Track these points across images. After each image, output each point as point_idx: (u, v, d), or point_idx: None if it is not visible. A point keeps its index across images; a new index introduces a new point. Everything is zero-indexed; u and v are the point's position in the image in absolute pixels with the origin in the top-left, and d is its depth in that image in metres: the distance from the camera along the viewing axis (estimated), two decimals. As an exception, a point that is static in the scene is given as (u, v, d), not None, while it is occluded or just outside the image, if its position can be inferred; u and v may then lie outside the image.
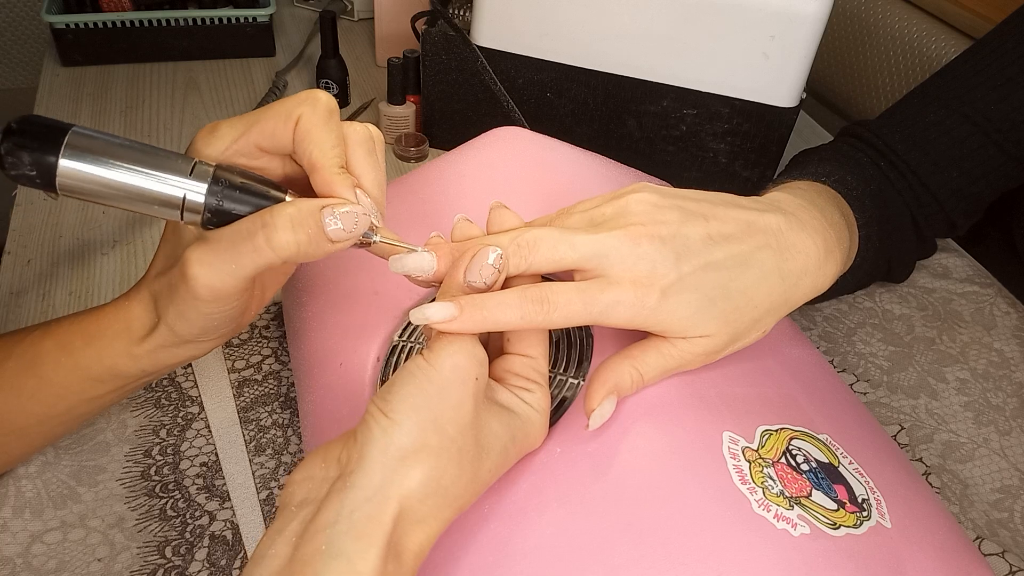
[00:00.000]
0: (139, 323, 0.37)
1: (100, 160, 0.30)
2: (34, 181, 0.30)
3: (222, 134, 0.34)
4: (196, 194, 0.32)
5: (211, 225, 0.33)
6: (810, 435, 0.36)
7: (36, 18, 1.55)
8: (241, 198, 0.32)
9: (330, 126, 0.34)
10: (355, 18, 1.02)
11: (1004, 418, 0.53)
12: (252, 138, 0.34)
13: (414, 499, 0.28)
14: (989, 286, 0.64)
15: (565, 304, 0.32)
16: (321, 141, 0.33)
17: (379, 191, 0.35)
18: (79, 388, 0.38)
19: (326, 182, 0.33)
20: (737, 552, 0.30)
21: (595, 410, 0.34)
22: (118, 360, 0.38)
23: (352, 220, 0.32)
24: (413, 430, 0.28)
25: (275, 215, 0.32)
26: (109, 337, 0.37)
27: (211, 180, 0.32)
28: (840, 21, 1.03)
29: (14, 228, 0.64)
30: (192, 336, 0.36)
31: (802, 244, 0.37)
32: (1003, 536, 0.46)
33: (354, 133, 0.35)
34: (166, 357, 0.38)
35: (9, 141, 0.29)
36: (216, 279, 0.32)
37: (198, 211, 0.32)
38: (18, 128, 0.30)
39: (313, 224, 0.32)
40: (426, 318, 0.31)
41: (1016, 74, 0.54)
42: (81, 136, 0.30)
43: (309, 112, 0.33)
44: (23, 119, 0.30)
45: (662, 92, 0.66)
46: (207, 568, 0.42)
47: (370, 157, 0.35)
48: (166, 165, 0.31)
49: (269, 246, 0.31)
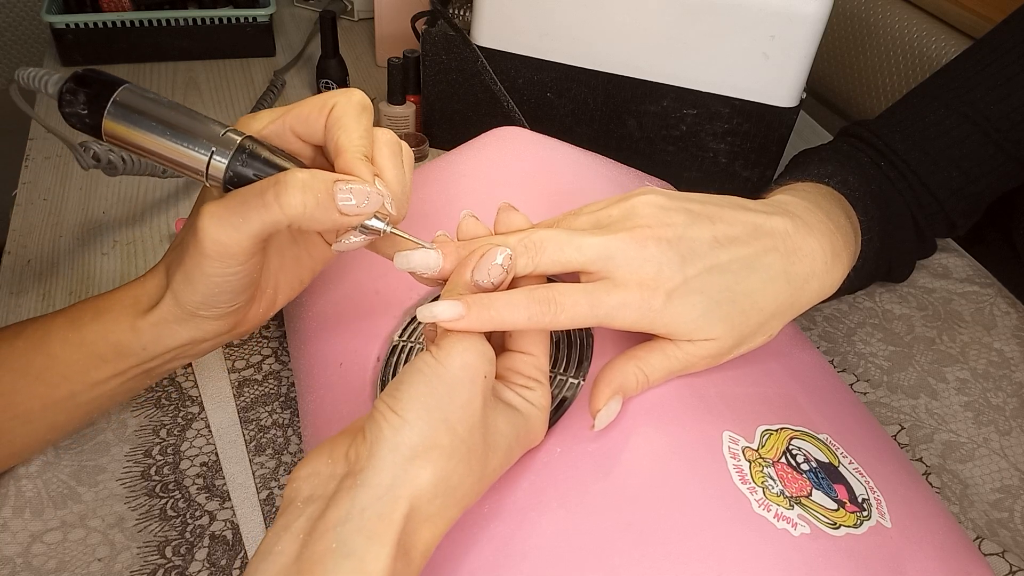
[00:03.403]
0: (147, 297, 0.38)
1: (142, 118, 0.34)
2: (83, 121, 0.34)
3: (261, 116, 0.36)
4: (221, 157, 0.34)
5: (232, 187, 0.34)
6: (810, 435, 0.36)
7: (36, 18, 1.55)
8: (261, 166, 0.34)
9: (361, 119, 0.35)
10: (355, 18, 1.02)
11: (1004, 418, 0.53)
12: (288, 121, 0.36)
13: (424, 498, 0.28)
14: (989, 286, 0.64)
15: (572, 305, 0.32)
16: (349, 128, 0.34)
17: (400, 189, 0.35)
18: (83, 367, 0.39)
19: (348, 163, 0.34)
20: (737, 552, 0.30)
21: (600, 410, 0.34)
22: (122, 336, 0.38)
23: (363, 196, 0.33)
24: (424, 429, 0.28)
25: (288, 175, 0.33)
26: (116, 311, 0.38)
27: (236, 147, 0.34)
28: (840, 21, 1.03)
29: (14, 228, 0.64)
30: (193, 304, 0.36)
31: (809, 248, 0.37)
32: (1003, 536, 0.46)
33: (384, 135, 0.36)
34: (167, 335, 0.38)
35: (72, 83, 0.34)
36: (223, 233, 0.33)
37: (220, 174, 0.34)
38: (82, 76, 0.34)
39: (324, 191, 0.33)
40: (433, 316, 0.31)
41: (1016, 73, 0.54)
42: (131, 93, 0.34)
43: (344, 102, 0.35)
44: (88, 70, 0.34)
45: (662, 92, 0.66)
46: (207, 568, 0.42)
47: (395, 159, 0.36)
48: (200, 129, 0.34)
49: (277, 202, 0.32)
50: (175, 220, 0.66)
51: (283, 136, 0.36)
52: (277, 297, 0.40)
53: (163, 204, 0.68)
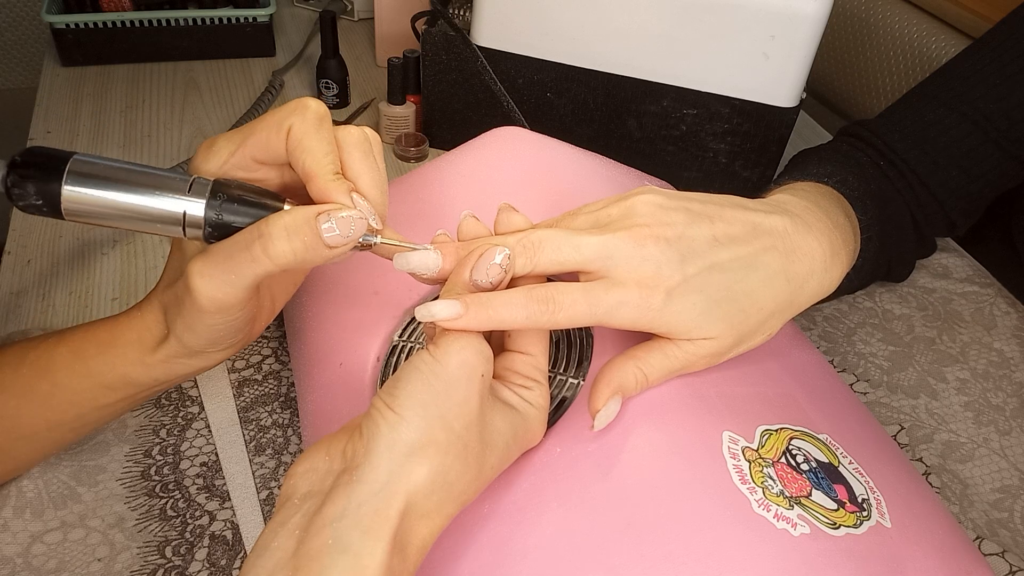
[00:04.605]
0: (151, 334, 0.37)
1: (102, 184, 0.32)
2: (41, 209, 0.31)
3: (219, 148, 0.34)
4: (195, 209, 0.32)
5: (213, 239, 0.33)
6: (810, 435, 0.36)
7: (36, 18, 1.55)
8: (239, 210, 0.33)
9: (321, 133, 0.33)
10: (355, 18, 1.02)
11: (1004, 418, 0.53)
12: (248, 151, 0.34)
13: (420, 494, 0.28)
14: (989, 286, 0.64)
15: (570, 304, 0.32)
16: (313, 149, 0.33)
17: (378, 192, 0.34)
18: (91, 395, 0.39)
19: (321, 190, 0.33)
20: (737, 552, 0.30)
21: (600, 411, 0.34)
22: (131, 369, 0.38)
23: (348, 225, 0.32)
24: (420, 426, 0.29)
25: (270, 225, 0.32)
26: (122, 346, 0.38)
27: (209, 195, 0.33)
28: (840, 21, 1.03)
29: (14, 228, 0.64)
30: (200, 347, 0.36)
31: (808, 246, 0.37)
32: (1003, 536, 0.46)
33: (348, 136, 0.34)
34: (179, 367, 0.38)
35: (14, 174, 0.31)
36: (218, 291, 0.33)
37: (199, 226, 0.33)
38: (22, 160, 0.31)
39: (309, 231, 0.32)
40: (432, 315, 0.31)
41: (1015, 72, 0.54)
42: (82, 163, 0.32)
43: (299, 121, 0.33)
44: (27, 151, 0.31)
45: (662, 92, 0.66)
46: (207, 568, 0.42)
47: (367, 159, 0.34)
48: (165, 184, 0.32)
49: (266, 255, 0.32)
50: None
51: (246, 166, 0.35)
52: (275, 305, 0.40)
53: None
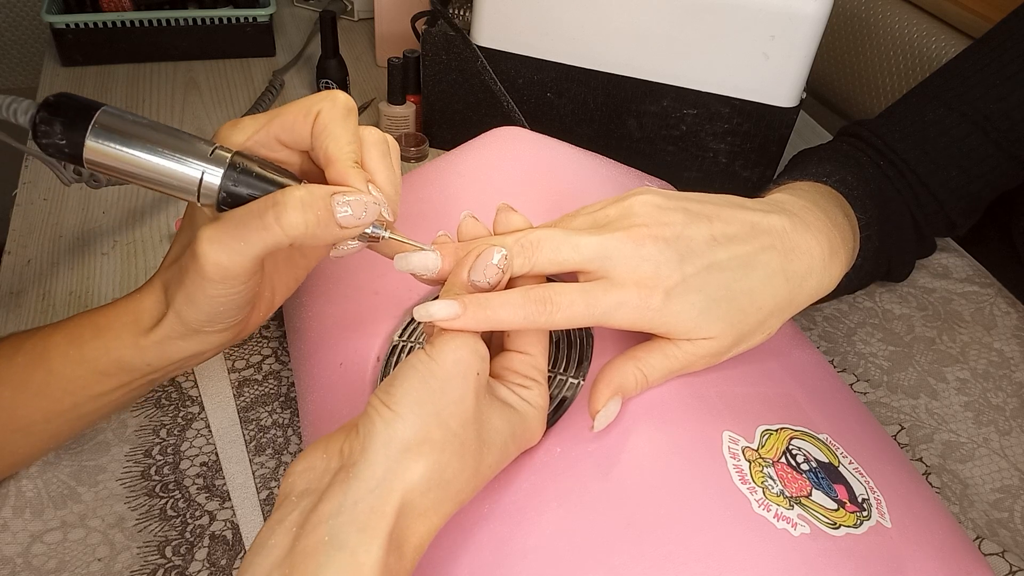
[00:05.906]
0: (148, 315, 0.38)
1: (126, 140, 0.32)
2: (63, 151, 0.32)
3: (244, 126, 0.35)
4: (212, 176, 0.33)
5: (225, 207, 0.34)
6: (810, 435, 0.36)
7: (36, 18, 1.55)
8: (255, 183, 0.33)
9: (347, 123, 0.34)
10: (355, 18, 1.02)
11: (1004, 418, 0.53)
12: (273, 130, 0.35)
13: (416, 492, 0.28)
14: (989, 286, 0.64)
15: (568, 305, 0.32)
16: (338, 136, 0.34)
17: (392, 189, 0.35)
18: (85, 382, 0.39)
19: (340, 173, 0.34)
20: (737, 552, 0.30)
21: (600, 411, 0.34)
22: (124, 352, 0.38)
23: (361, 207, 0.33)
24: (416, 423, 0.29)
25: (286, 195, 0.32)
26: (117, 328, 0.38)
27: (228, 164, 0.33)
28: (840, 21, 1.03)
29: (14, 228, 0.64)
30: (198, 323, 0.36)
31: (806, 245, 0.37)
32: (1003, 536, 0.46)
33: (370, 135, 0.36)
34: (171, 351, 0.38)
35: (45, 112, 0.32)
36: (225, 256, 0.33)
37: (214, 192, 0.33)
38: (54, 102, 0.32)
39: (323, 207, 0.32)
40: (430, 315, 0.31)
41: (1015, 72, 0.54)
42: (110, 115, 0.32)
43: (328, 108, 0.34)
44: (60, 95, 0.32)
45: (662, 92, 0.66)
46: (207, 568, 0.42)
47: (384, 159, 0.35)
48: (187, 148, 0.33)
49: (279, 224, 0.32)
50: (175, 220, 0.66)
51: (269, 145, 0.36)
52: (275, 298, 0.40)
53: (163, 204, 0.68)
